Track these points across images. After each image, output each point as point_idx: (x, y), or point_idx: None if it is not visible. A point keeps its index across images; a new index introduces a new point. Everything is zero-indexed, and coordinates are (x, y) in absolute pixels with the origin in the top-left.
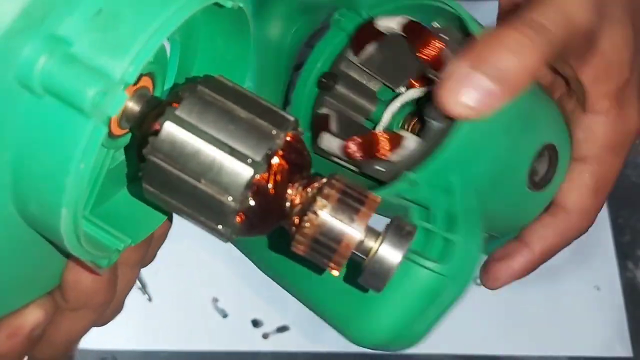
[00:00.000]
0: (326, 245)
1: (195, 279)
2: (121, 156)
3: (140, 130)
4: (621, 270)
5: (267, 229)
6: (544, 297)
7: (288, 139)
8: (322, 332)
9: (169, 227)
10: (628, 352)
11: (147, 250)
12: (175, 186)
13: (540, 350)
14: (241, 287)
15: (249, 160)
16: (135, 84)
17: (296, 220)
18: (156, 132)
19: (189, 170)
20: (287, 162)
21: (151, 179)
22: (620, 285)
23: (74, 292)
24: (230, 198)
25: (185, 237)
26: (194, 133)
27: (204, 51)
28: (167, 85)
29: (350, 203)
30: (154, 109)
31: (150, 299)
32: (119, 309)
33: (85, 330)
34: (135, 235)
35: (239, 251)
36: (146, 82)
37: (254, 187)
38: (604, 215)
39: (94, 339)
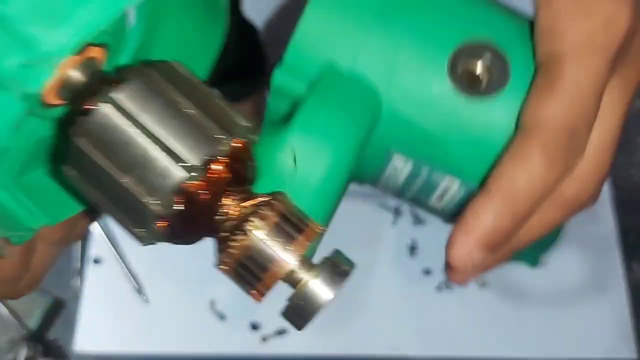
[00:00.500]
0: (251, 270)
1: (193, 281)
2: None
3: (74, 105)
4: (626, 272)
5: (193, 240)
6: (547, 299)
7: (236, 145)
8: (322, 335)
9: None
10: (633, 353)
11: (73, 228)
12: (97, 177)
13: (543, 352)
14: (239, 289)
15: (184, 163)
16: (80, 53)
17: (224, 236)
18: (88, 112)
19: (115, 163)
20: (229, 171)
21: (73, 162)
22: (625, 286)
23: None
24: (153, 201)
25: None
26: (130, 121)
27: (170, 33)
28: (123, 61)
29: (288, 229)
30: (94, 85)
31: (147, 301)
32: (34, 284)
33: None
34: (55, 215)
35: None
36: (97, 52)
37: (183, 194)
38: (609, 216)
39: (90, 342)
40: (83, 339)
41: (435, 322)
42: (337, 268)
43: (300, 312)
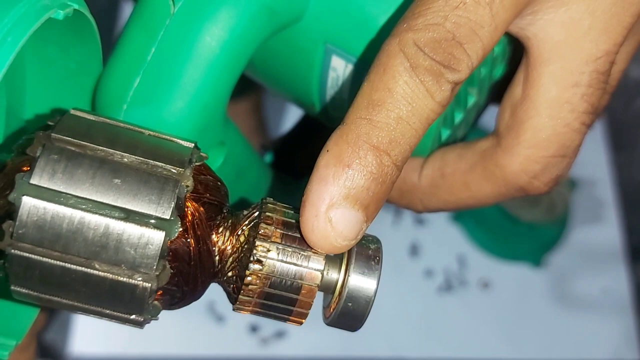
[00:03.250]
0: (283, 298)
1: None
2: None
3: None
4: (629, 274)
5: (197, 296)
6: (550, 300)
7: (196, 175)
8: (321, 336)
9: None
10: (636, 355)
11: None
12: (59, 280)
13: (545, 354)
14: None
15: (153, 221)
16: None
17: (232, 275)
18: (9, 215)
19: (73, 256)
20: (202, 204)
21: (20, 278)
22: (629, 288)
23: None
24: (140, 278)
25: None
26: (65, 203)
27: (36, 72)
28: None
29: (295, 234)
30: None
31: None
32: None
33: None
34: (16, 331)
35: None
36: None
37: (169, 253)
38: (612, 217)
39: (87, 344)
40: (80, 342)
41: (436, 323)
42: (365, 250)
43: (351, 315)
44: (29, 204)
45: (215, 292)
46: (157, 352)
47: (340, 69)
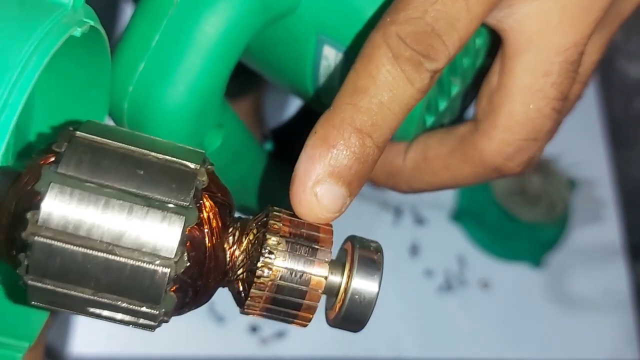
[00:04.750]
0: (288, 302)
1: None
2: None
3: (4, 216)
4: (629, 273)
5: (207, 296)
6: (550, 301)
7: (210, 174)
8: (321, 337)
9: None
10: (636, 355)
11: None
12: (79, 267)
13: (546, 354)
14: None
15: (173, 207)
16: None
17: (242, 272)
18: (35, 206)
19: (96, 241)
20: (215, 202)
21: (40, 267)
22: (629, 287)
23: None
24: (159, 263)
25: None
26: (90, 189)
27: (45, 84)
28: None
29: (304, 239)
30: (15, 182)
31: None
32: None
33: None
34: (28, 333)
35: None
36: None
37: (191, 239)
38: (612, 216)
39: (89, 344)
40: (80, 342)
41: (436, 323)
42: (367, 254)
43: (354, 317)
44: (55, 189)
45: (215, 293)
46: (157, 352)
47: (331, 57)
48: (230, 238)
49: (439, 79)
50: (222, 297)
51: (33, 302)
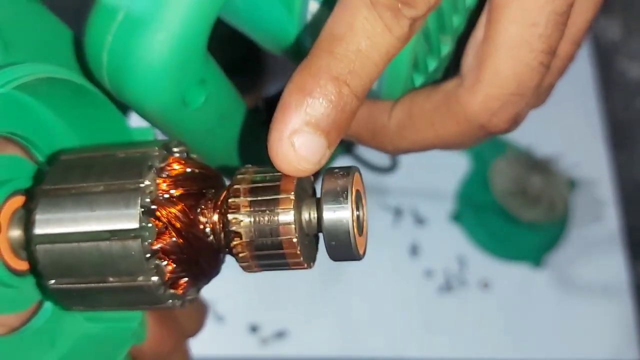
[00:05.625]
0: (272, 255)
1: None
2: None
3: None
4: (630, 272)
5: (214, 272)
6: (550, 300)
7: (166, 173)
8: (321, 337)
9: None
10: (636, 355)
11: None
12: (92, 297)
13: (547, 353)
14: (238, 290)
15: (130, 233)
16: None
17: (224, 243)
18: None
19: (90, 277)
20: (179, 198)
21: (68, 302)
22: (629, 287)
23: None
24: (142, 278)
25: None
26: (64, 240)
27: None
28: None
29: (265, 188)
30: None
31: None
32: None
33: None
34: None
35: None
36: (18, 200)
37: (158, 252)
38: (612, 216)
39: None
40: None
41: (436, 323)
42: (332, 182)
43: (340, 248)
44: (41, 250)
45: (215, 292)
46: None
47: (317, 12)
48: (209, 219)
49: (428, 36)
50: (222, 297)
51: (72, 308)
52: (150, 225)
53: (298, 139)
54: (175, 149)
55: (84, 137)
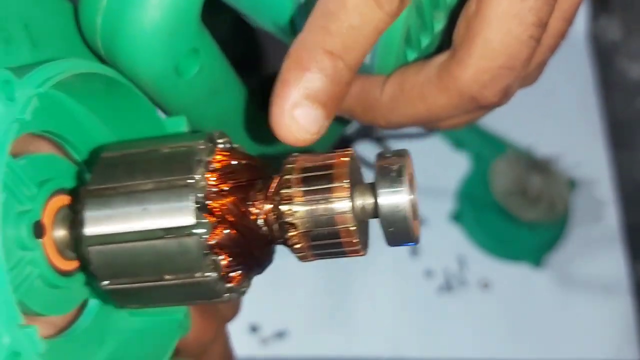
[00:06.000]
0: (328, 244)
1: None
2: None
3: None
4: (630, 272)
5: (267, 262)
6: (550, 300)
7: (214, 166)
8: (322, 337)
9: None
10: (636, 355)
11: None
12: (152, 295)
13: (547, 354)
14: None
15: (185, 230)
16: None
17: (282, 238)
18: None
19: (146, 277)
20: (229, 192)
21: (123, 302)
22: (629, 286)
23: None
24: (199, 275)
25: None
26: (116, 241)
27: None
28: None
29: (318, 177)
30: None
31: None
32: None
33: None
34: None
35: None
36: (60, 200)
37: (214, 247)
38: (612, 215)
39: None
40: None
41: (436, 323)
42: (385, 166)
43: (398, 233)
44: (94, 251)
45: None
46: None
47: None
48: (260, 210)
49: (421, 12)
50: None
51: (126, 307)
52: (205, 221)
53: (298, 112)
54: (219, 140)
55: (118, 131)
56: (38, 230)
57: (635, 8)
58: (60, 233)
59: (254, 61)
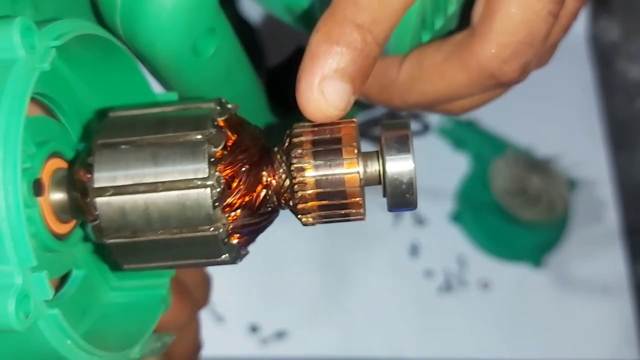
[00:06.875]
0: (334, 205)
1: None
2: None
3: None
4: (629, 272)
5: (268, 223)
6: (549, 300)
7: (225, 127)
8: (321, 337)
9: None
10: (636, 355)
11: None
12: (154, 251)
13: (546, 354)
14: (238, 290)
15: (198, 182)
16: (35, 180)
17: (288, 200)
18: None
19: (152, 230)
20: (240, 151)
21: (124, 259)
22: (628, 287)
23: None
24: (207, 228)
25: None
26: (128, 193)
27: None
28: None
29: (327, 140)
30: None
31: None
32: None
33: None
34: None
35: None
36: (55, 163)
37: (223, 203)
38: (612, 216)
39: None
40: None
41: (436, 323)
42: (393, 135)
43: (401, 199)
44: (101, 203)
45: (215, 292)
46: None
47: None
48: (270, 173)
49: None
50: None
51: (125, 266)
52: (218, 174)
53: (327, 87)
54: (229, 106)
55: (109, 99)
56: (37, 187)
57: (635, 9)
58: (57, 196)
59: (254, 61)
